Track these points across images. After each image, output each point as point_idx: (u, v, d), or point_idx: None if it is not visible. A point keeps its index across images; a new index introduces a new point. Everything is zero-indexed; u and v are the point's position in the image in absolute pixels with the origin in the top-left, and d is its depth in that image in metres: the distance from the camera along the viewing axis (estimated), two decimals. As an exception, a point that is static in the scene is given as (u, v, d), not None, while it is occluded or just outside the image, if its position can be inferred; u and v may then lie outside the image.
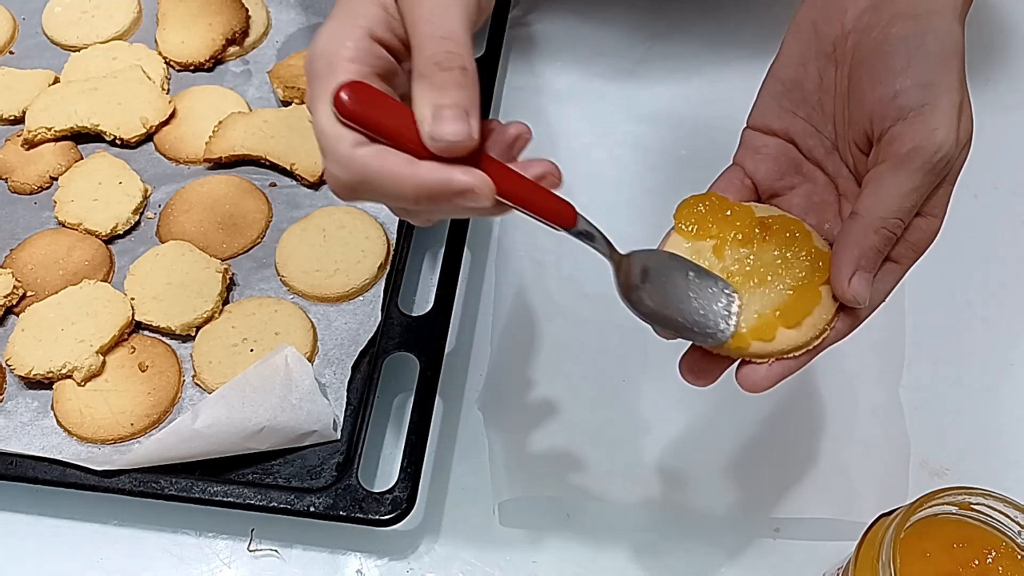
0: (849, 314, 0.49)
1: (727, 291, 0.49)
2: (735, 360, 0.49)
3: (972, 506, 0.50)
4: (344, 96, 0.41)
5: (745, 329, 0.48)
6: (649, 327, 0.50)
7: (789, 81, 0.52)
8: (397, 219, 0.73)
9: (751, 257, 0.50)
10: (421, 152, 0.42)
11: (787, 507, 0.63)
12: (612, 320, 0.70)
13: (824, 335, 0.49)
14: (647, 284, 0.48)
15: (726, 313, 0.48)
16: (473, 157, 0.42)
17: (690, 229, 0.50)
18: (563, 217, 0.45)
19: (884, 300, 0.49)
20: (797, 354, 0.48)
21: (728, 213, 0.50)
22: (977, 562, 0.50)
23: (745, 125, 0.54)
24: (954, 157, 0.46)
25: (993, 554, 0.50)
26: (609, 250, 0.48)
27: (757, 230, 0.50)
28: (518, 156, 0.45)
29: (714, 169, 0.54)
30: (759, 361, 0.48)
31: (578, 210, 0.46)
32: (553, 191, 0.45)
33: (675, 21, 0.85)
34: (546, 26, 0.86)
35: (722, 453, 0.65)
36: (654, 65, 0.83)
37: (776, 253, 0.50)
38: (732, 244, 0.50)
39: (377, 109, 0.42)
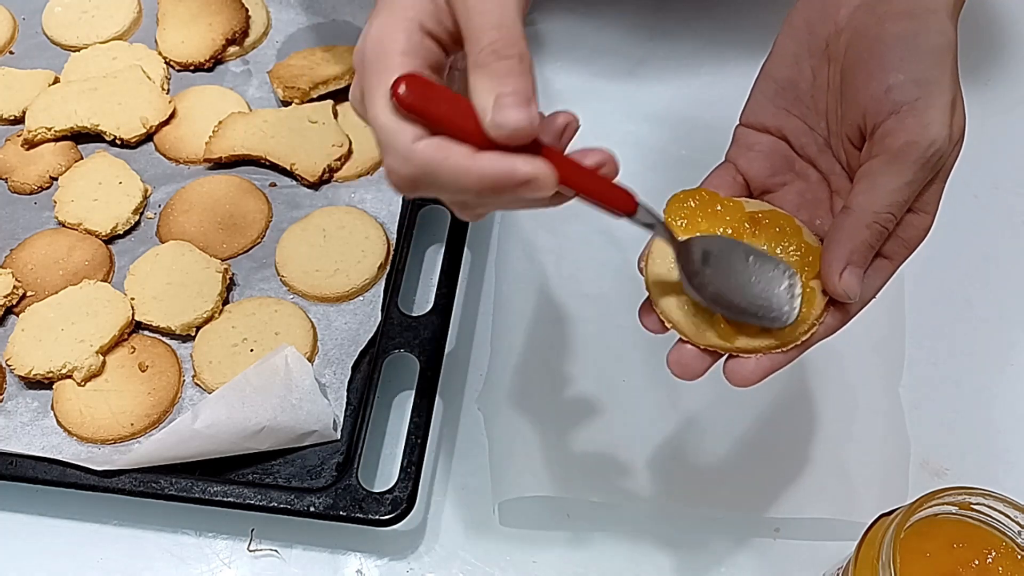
0: (839, 309, 0.49)
1: (789, 273, 0.49)
2: (722, 355, 0.49)
3: (972, 506, 0.50)
4: (403, 89, 0.41)
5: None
6: (647, 332, 0.50)
7: (783, 80, 0.52)
8: (397, 219, 0.73)
9: None
10: (480, 143, 0.41)
11: (787, 507, 0.63)
12: (612, 320, 0.70)
13: (813, 330, 0.48)
14: (708, 268, 0.48)
15: (789, 296, 0.48)
16: (532, 147, 0.42)
17: (679, 224, 0.50)
18: (625, 204, 0.45)
19: (874, 296, 0.49)
20: (785, 349, 0.48)
21: (718, 208, 0.50)
22: (977, 562, 0.50)
23: (738, 122, 0.54)
24: (947, 153, 0.46)
25: (993, 554, 0.50)
26: (670, 236, 0.48)
27: (747, 225, 0.50)
28: (567, 145, 0.45)
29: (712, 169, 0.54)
30: (746, 356, 0.48)
31: (639, 197, 0.45)
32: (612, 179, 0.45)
33: (675, 21, 0.85)
34: (546, 26, 0.86)
35: (722, 453, 0.65)
36: (654, 65, 0.83)
37: (765, 248, 0.49)
38: None
39: (435, 101, 0.41)
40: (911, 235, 0.48)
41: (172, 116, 0.79)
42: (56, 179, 0.77)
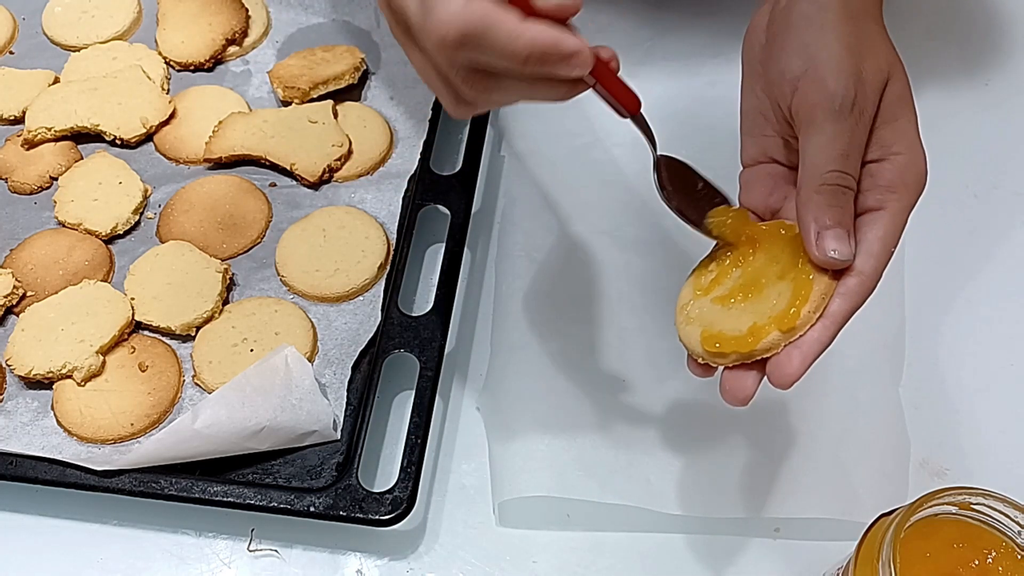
0: (848, 275, 0.49)
1: (719, 199, 0.54)
2: (761, 370, 0.50)
3: (972, 506, 0.50)
4: None
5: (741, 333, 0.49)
6: (648, 333, 0.50)
7: (751, 111, 0.55)
8: (397, 219, 0.73)
9: (749, 268, 0.52)
10: (528, 11, 0.43)
11: (787, 507, 0.63)
12: (612, 320, 0.70)
13: (823, 307, 0.48)
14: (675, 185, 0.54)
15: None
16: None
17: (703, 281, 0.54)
18: (632, 103, 0.50)
19: (890, 249, 0.49)
20: (802, 333, 0.48)
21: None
22: (977, 562, 0.50)
23: (740, 170, 0.57)
24: (862, 96, 0.48)
25: (993, 554, 0.50)
26: (654, 148, 0.53)
27: (747, 246, 0.52)
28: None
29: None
30: (772, 354, 0.49)
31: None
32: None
33: (675, 21, 0.85)
34: (546, 26, 0.85)
35: (722, 453, 0.65)
36: (654, 66, 0.83)
37: (766, 256, 0.51)
38: (728, 268, 0.53)
39: None
40: (890, 178, 0.49)
41: (172, 116, 0.79)
42: (56, 179, 0.77)
